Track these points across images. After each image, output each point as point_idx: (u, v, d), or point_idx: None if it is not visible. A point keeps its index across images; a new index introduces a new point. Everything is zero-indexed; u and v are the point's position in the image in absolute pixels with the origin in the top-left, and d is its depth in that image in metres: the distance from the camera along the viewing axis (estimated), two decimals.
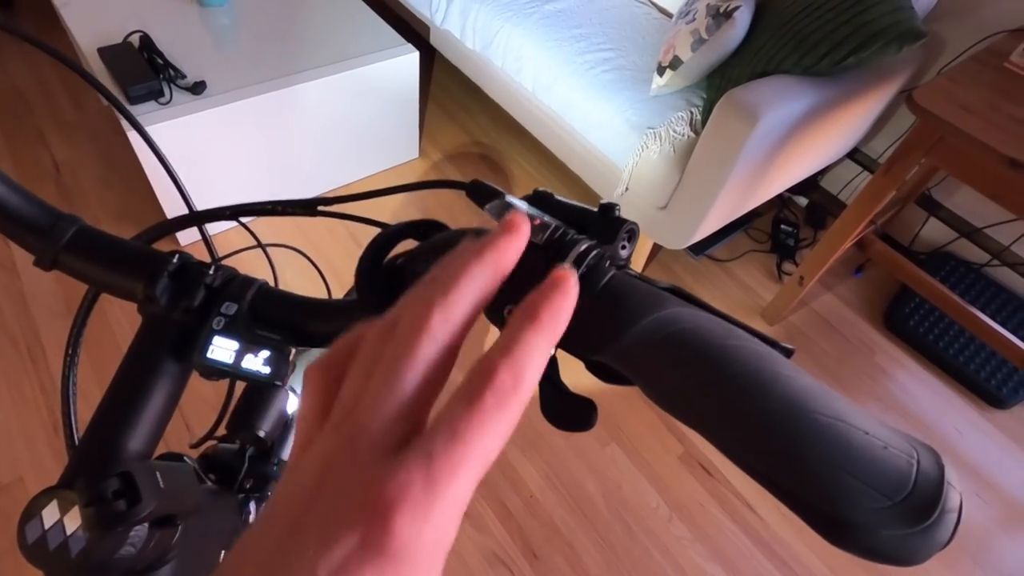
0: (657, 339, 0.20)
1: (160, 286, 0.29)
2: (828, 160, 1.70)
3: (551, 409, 0.24)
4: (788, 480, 0.17)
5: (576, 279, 0.18)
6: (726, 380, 0.19)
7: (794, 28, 1.26)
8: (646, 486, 1.35)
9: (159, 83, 1.39)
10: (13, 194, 0.30)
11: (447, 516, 0.14)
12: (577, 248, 0.22)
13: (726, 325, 0.20)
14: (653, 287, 0.22)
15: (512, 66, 1.67)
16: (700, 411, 0.19)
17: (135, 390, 0.30)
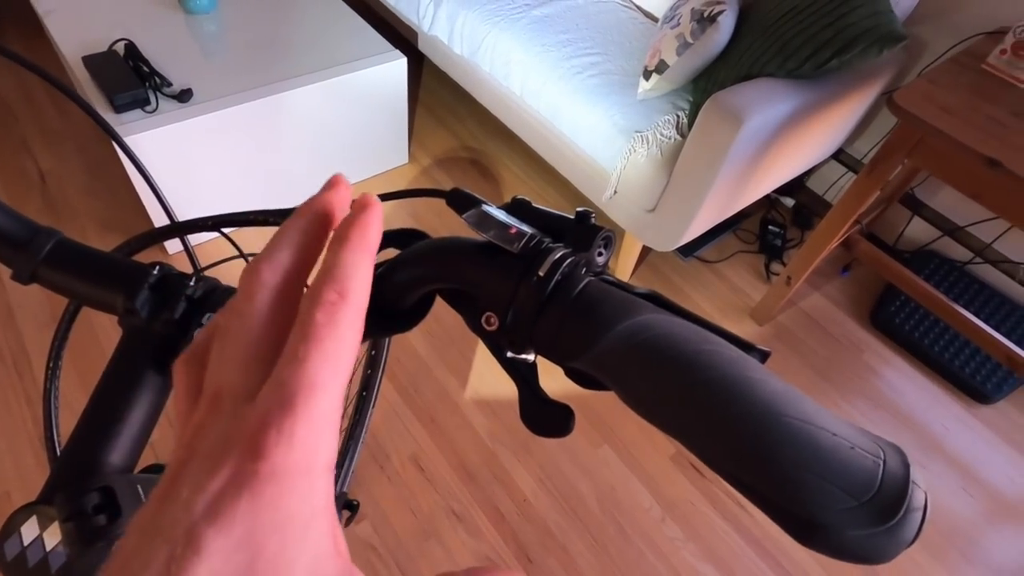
0: (630, 345, 0.20)
1: (140, 299, 0.30)
2: (813, 161, 1.72)
3: (529, 415, 0.24)
4: (759, 483, 0.18)
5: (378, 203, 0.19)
6: (697, 385, 0.19)
7: (777, 32, 1.28)
8: (639, 487, 1.35)
9: (145, 91, 1.38)
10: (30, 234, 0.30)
11: (313, 432, 0.14)
12: (552, 256, 0.22)
13: (699, 330, 0.21)
14: (629, 294, 0.22)
15: (500, 71, 1.68)
16: (673, 416, 0.20)
17: (116, 403, 0.30)
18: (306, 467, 0.14)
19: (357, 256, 0.17)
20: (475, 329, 0.26)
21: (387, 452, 1.32)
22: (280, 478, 0.14)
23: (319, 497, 0.15)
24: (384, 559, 1.18)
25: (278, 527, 0.14)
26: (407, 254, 0.26)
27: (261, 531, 0.13)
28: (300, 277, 0.18)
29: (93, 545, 0.25)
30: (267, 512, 0.14)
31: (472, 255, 0.24)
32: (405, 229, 0.29)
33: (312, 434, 0.14)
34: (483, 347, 1.53)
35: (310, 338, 0.15)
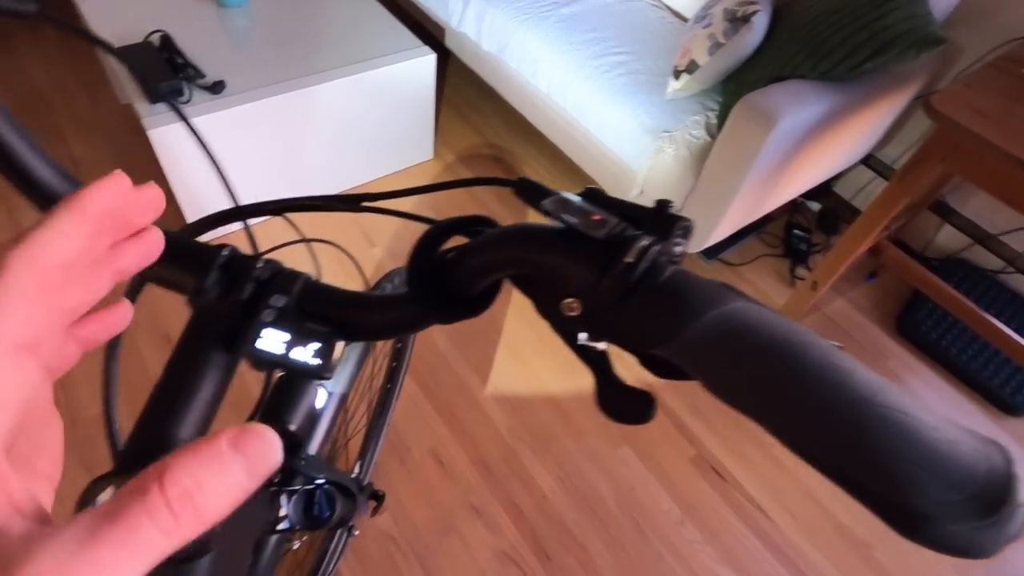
0: (721, 333, 0.20)
1: (211, 279, 0.30)
2: (842, 165, 1.70)
3: (606, 401, 0.24)
4: (859, 472, 0.18)
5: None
6: (795, 374, 0.19)
7: (811, 33, 1.27)
8: (658, 489, 1.34)
9: (179, 82, 1.40)
10: (69, 188, 0.31)
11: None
12: (638, 243, 0.22)
13: (787, 319, 0.21)
14: (712, 283, 0.22)
15: (527, 69, 1.68)
16: (765, 404, 0.20)
17: (186, 380, 0.30)
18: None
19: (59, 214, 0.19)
20: (547, 314, 0.26)
21: (407, 445, 1.33)
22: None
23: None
24: (403, 551, 1.19)
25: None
26: (482, 240, 0.27)
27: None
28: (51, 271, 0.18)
29: None
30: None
31: (553, 242, 0.24)
32: (474, 216, 0.29)
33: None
34: (504, 344, 1.53)
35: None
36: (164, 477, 0.14)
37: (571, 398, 1.46)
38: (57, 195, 0.30)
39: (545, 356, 1.52)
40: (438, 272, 0.28)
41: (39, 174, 0.30)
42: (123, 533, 0.13)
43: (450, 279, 0.28)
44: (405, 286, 0.28)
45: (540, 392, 1.46)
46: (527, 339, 1.55)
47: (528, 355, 1.52)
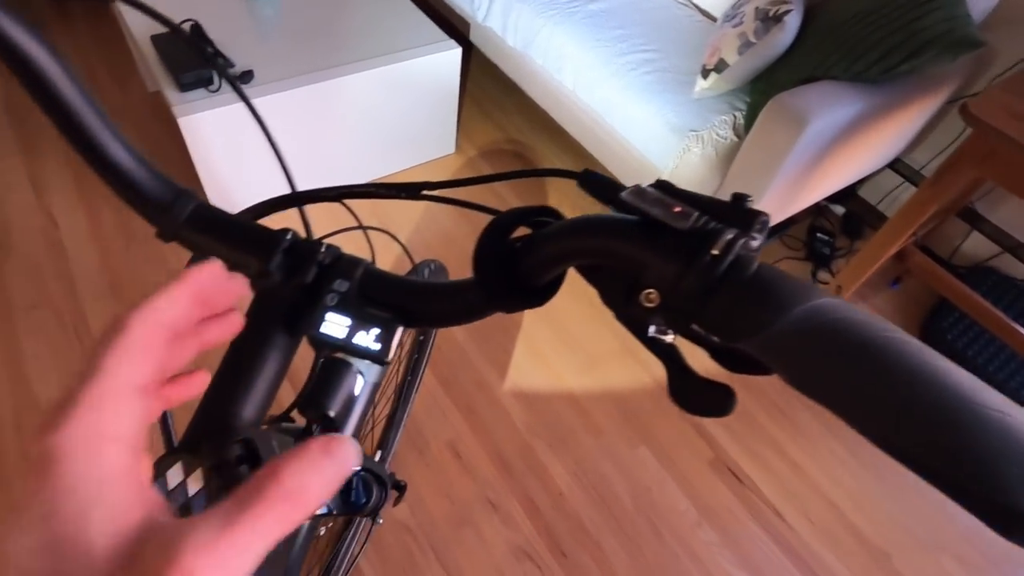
0: (812, 327, 0.20)
1: (275, 262, 0.30)
2: (870, 169, 1.68)
3: (680, 393, 0.24)
4: (955, 471, 0.17)
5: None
6: (891, 371, 0.19)
7: (846, 34, 1.25)
8: (675, 490, 1.34)
9: (209, 71, 1.41)
10: (140, 168, 0.31)
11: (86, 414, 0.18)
12: (725, 236, 0.22)
13: (877, 316, 0.21)
14: (799, 279, 0.22)
15: (553, 64, 1.67)
16: (856, 401, 0.20)
17: (249, 361, 0.30)
18: (87, 440, 0.17)
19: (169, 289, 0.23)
20: (613, 304, 0.26)
21: (426, 438, 1.34)
22: (62, 454, 0.17)
23: (108, 463, 0.18)
24: (419, 542, 1.19)
25: (70, 492, 0.16)
26: (557, 229, 0.26)
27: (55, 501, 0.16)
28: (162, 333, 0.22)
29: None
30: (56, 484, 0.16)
31: (634, 233, 0.24)
32: (541, 207, 0.29)
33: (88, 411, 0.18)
34: (523, 339, 1.53)
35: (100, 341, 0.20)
36: (279, 477, 0.18)
37: (589, 396, 1.46)
38: (127, 174, 0.31)
39: (563, 353, 1.52)
40: (505, 260, 0.27)
41: (113, 153, 0.30)
42: (252, 520, 0.17)
43: (517, 267, 0.27)
44: (472, 273, 0.28)
45: (558, 389, 1.46)
46: (545, 336, 1.55)
47: (546, 352, 1.52)
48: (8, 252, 1.50)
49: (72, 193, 1.64)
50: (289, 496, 0.18)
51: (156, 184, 0.31)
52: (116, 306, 1.43)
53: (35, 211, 1.59)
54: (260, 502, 0.17)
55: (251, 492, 0.18)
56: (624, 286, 0.25)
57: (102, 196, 1.65)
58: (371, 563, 1.16)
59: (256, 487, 0.18)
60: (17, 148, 1.72)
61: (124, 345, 0.20)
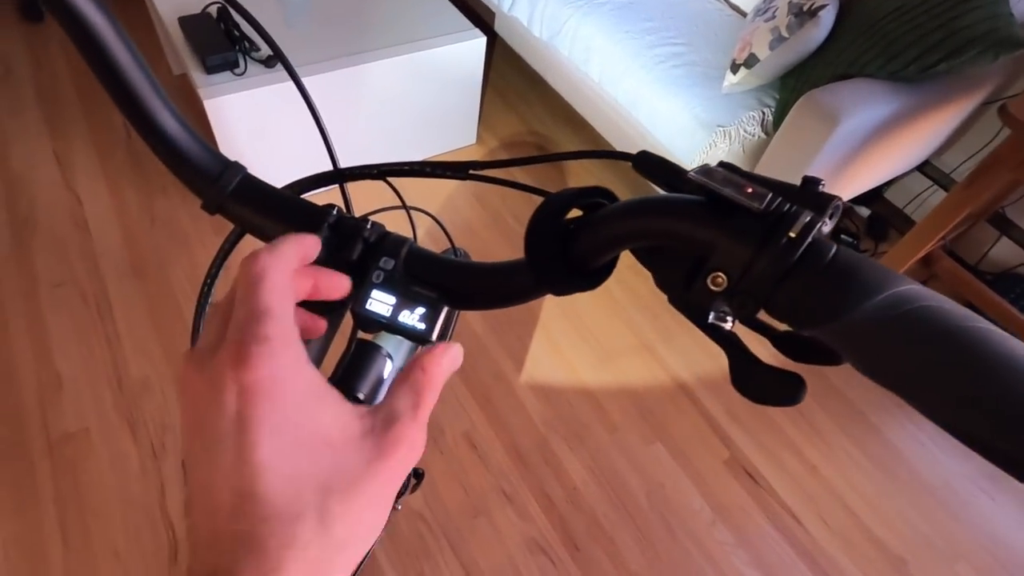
0: (894, 315, 0.19)
1: (321, 237, 0.30)
2: (899, 170, 1.65)
3: (745, 381, 0.23)
4: None
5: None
6: (977, 362, 0.18)
7: (882, 30, 1.22)
8: (690, 488, 1.33)
9: (235, 54, 1.42)
10: (189, 137, 0.31)
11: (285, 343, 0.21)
12: (803, 218, 0.21)
13: (960, 305, 0.20)
14: (880, 264, 0.21)
15: (579, 56, 1.65)
16: (937, 391, 0.19)
17: None
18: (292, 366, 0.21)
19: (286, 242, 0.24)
20: (669, 288, 0.25)
21: (441, 427, 1.34)
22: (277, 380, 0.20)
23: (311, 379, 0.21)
24: (433, 530, 1.20)
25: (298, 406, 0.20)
26: (616, 210, 0.26)
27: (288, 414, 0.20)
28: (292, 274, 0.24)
29: None
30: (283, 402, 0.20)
31: (702, 213, 0.23)
32: (592, 187, 0.28)
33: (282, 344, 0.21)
34: (540, 332, 1.53)
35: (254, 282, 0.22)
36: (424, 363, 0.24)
37: (606, 391, 1.45)
38: (175, 143, 0.30)
39: (581, 347, 1.51)
40: (559, 241, 0.27)
41: (162, 121, 0.30)
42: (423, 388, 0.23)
43: (571, 249, 0.27)
44: (524, 254, 0.27)
45: (575, 383, 1.45)
46: (563, 329, 1.54)
47: (564, 345, 1.51)
48: (34, 228, 1.51)
49: (97, 172, 1.66)
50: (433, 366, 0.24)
51: (204, 154, 0.31)
52: (138, 286, 1.44)
53: (61, 189, 1.61)
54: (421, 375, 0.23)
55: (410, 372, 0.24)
56: (685, 269, 0.24)
57: (126, 176, 1.66)
58: (385, 550, 1.16)
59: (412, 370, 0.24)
60: (45, 128, 1.74)
61: (278, 285, 0.22)
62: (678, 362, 1.52)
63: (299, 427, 0.20)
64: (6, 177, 1.61)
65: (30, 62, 1.91)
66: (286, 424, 0.19)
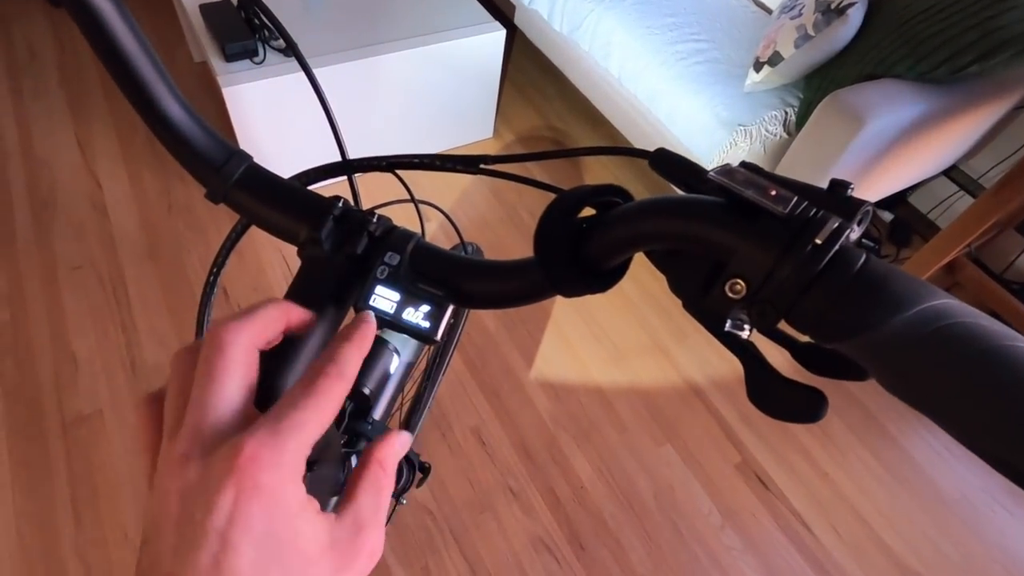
0: (927, 332, 0.18)
1: (325, 230, 0.29)
2: (924, 175, 1.61)
3: (761, 394, 0.22)
4: None
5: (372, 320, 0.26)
6: (1013, 385, 0.17)
7: (912, 30, 1.19)
8: (699, 491, 1.31)
9: (254, 43, 1.42)
10: (194, 125, 0.30)
11: (297, 455, 0.20)
12: (830, 224, 0.20)
13: (997, 321, 0.18)
14: (913, 276, 0.20)
15: (599, 51, 1.63)
16: (971, 415, 0.17)
17: (294, 333, 0.29)
18: (292, 477, 0.20)
19: (355, 353, 0.24)
20: (684, 293, 0.24)
21: (450, 422, 1.33)
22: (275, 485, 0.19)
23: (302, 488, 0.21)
24: (439, 524, 1.19)
25: (285, 518, 0.19)
26: (631, 210, 0.25)
27: (275, 522, 0.19)
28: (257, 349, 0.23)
29: None
30: (276, 508, 0.19)
31: (722, 215, 0.22)
32: (606, 185, 0.27)
33: (296, 456, 0.20)
34: (552, 329, 1.51)
35: (309, 392, 0.21)
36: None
37: (616, 390, 1.43)
38: (180, 130, 0.30)
39: (592, 345, 1.50)
40: (570, 241, 0.26)
41: (167, 107, 0.29)
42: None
43: (582, 249, 0.26)
44: (533, 253, 0.26)
45: (585, 381, 1.44)
46: (575, 326, 1.53)
47: (576, 343, 1.50)
48: (55, 211, 1.53)
49: (117, 157, 1.67)
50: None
51: (209, 142, 0.30)
52: (154, 270, 1.45)
53: (82, 173, 1.62)
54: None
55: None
56: (703, 275, 0.23)
57: (145, 162, 1.68)
58: (390, 542, 1.16)
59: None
60: (68, 112, 1.76)
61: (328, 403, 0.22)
62: (691, 364, 1.50)
63: (282, 542, 0.19)
64: (28, 160, 1.63)
65: (55, 46, 1.93)
66: (270, 537, 0.19)
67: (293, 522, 0.20)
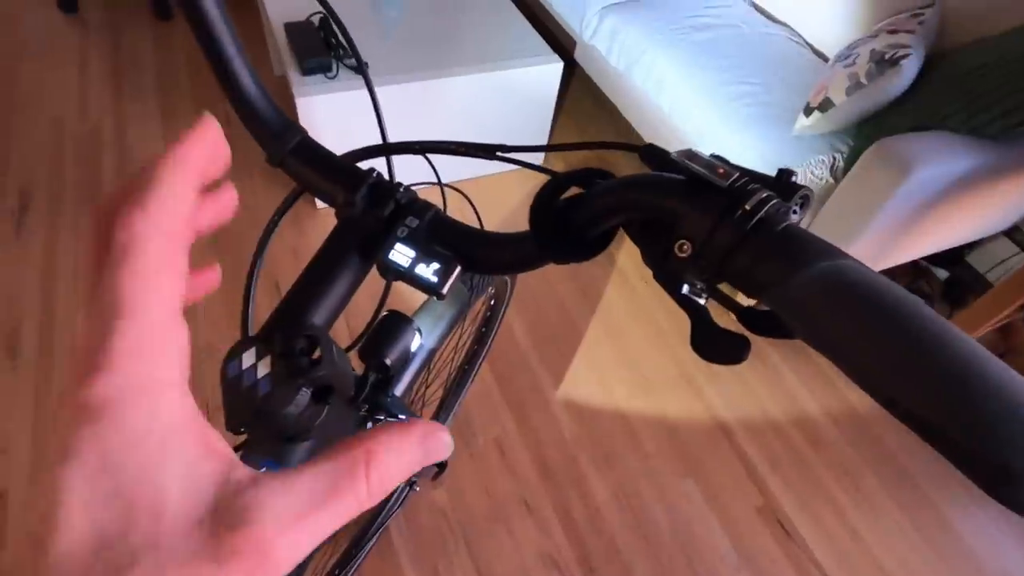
0: (830, 284, 0.21)
1: (360, 194, 0.34)
2: (981, 233, 1.57)
3: (702, 342, 0.25)
4: (956, 428, 0.18)
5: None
6: (905, 329, 0.20)
7: (968, 84, 1.19)
8: (717, 529, 1.29)
9: (330, 60, 1.54)
10: (263, 97, 0.36)
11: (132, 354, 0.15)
12: (759, 195, 0.23)
13: (895, 284, 0.21)
14: (825, 241, 0.23)
15: (652, 87, 1.68)
16: (865, 359, 0.20)
17: (325, 275, 0.34)
18: (139, 389, 0.15)
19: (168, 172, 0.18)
20: (652, 262, 0.28)
21: (474, 430, 1.36)
22: (113, 404, 0.14)
23: (168, 412, 0.15)
24: (453, 529, 1.22)
25: (132, 445, 0.14)
26: (608, 185, 0.29)
27: (115, 453, 0.14)
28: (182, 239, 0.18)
29: (293, 381, 0.29)
30: (113, 436, 0.14)
31: (676, 188, 0.26)
32: (591, 168, 0.31)
33: (132, 357, 0.15)
34: (584, 351, 1.54)
35: (115, 262, 0.16)
36: (370, 466, 0.17)
37: (641, 419, 1.44)
38: (251, 100, 0.36)
39: (621, 371, 1.51)
40: (558, 216, 0.30)
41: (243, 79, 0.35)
42: (335, 501, 0.16)
43: (570, 223, 0.30)
44: (528, 226, 0.31)
45: (611, 406, 1.45)
46: (606, 351, 1.54)
47: (605, 367, 1.51)
48: None
49: None
50: (375, 486, 0.17)
51: (273, 114, 0.36)
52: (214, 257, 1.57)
53: None
54: (346, 487, 0.17)
55: (340, 475, 0.17)
56: (664, 242, 0.26)
57: None
58: (404, 539, 1.19)
59: (345, 471, 0.17)
60: (159, 113, 1.93)
61: (149, 268, 0.16)
62: (720, 401, 1.49)
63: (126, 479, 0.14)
64: (121, 151, 1.80)
65: (155, 56, 2.13)
66: (113, 470, 0.14)
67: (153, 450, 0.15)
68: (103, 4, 2.31)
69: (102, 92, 1.97)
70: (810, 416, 1.50)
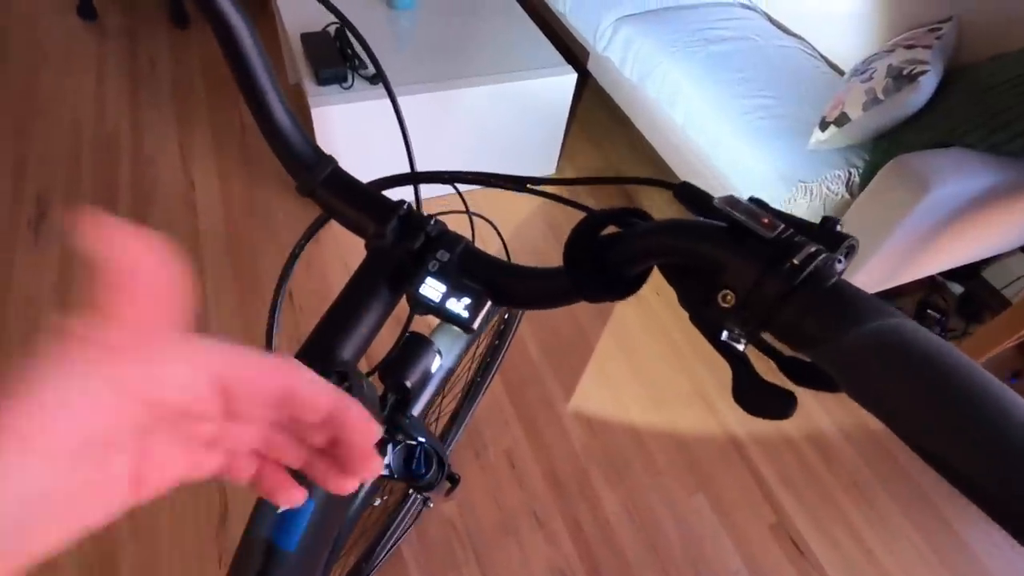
0: (885, 343, 0.21)
1: (390, 226, 0.34)
2: (997, 250, 1.55)
3: (744, 395, 0.25)
4: (1007, 496, 0.18)
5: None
6: (962, 396, 0.19)
7: (988, 100, 1.18)
8: (729, 546, 1.28)
9: (345, 70, 1.55)
10: (295, 129, 0.36)
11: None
12: (808, 248, 0.23)
13: (950, 344, 0.21)
14: (877, 298, 0.23)
15: (666, 99, 1.68)
16: (917, 422, 0.20)
17: (354, 308, 0.34)
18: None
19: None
20: (689, 305, 0.27)
21: (485, 442, 1.36)
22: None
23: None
24: (462, 541, 1.21)
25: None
26: (647, 227, 0.28)
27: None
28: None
29: None
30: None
31: (720, 236, 0.25)
32: (628, 208, 0.31)
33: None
34: (595, 364, 1.53)
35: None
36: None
37: (653, 433, 1.43)
38: (284, 132, 0.36)
39: (634, 385, 1.50)
40: (595, 254, 0.30)
41: (276, 112, 0.35)
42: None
43: (606, 262, 0.30)
44: (562, 261, 0.31)
45: (623, 420, 1.44)
46: (619, 365, 1.54)
47: (617, 381, 1.51)
48: (152, 203, 1.70)
49: (212, 165, 1.84)
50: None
51: (305, 146, 0.36)
52: (231, 264, 1.58)
53: (180, 174, 1.79)
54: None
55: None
56: (704, 288, 0.26)
57: (235, 170, 1.83)
58: (414, 551, 1.19)
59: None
60: (175, 120, 1.95)
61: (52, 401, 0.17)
62: (734, 418, 1.48)
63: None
64: (137, 157, 1.82)
65: (172, 64, 2.15)
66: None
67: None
68: (121, 11, 2.34)
69: (119, 98, 1.99)
70: (824, 433, 1.49)
